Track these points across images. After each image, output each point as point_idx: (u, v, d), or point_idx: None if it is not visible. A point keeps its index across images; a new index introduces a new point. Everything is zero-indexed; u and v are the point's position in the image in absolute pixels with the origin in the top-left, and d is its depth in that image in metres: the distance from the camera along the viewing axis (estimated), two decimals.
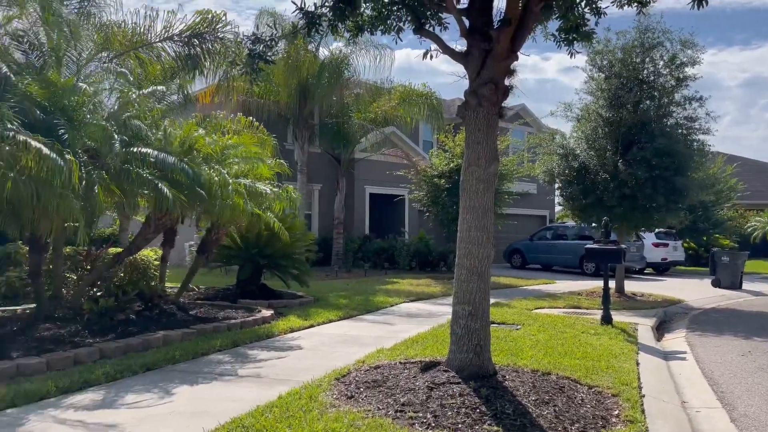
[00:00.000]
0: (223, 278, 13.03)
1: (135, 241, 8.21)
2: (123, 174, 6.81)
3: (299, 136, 17.45)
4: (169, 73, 9.49)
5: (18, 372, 5.18)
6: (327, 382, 5.15)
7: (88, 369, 5.40)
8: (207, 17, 8.79)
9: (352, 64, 16.94)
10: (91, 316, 6.88)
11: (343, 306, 10.00)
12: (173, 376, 5.54)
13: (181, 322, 7.65)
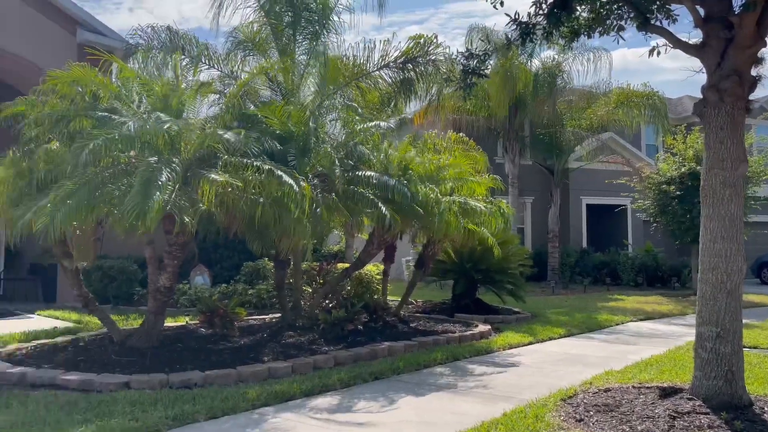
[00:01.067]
0: (438, 292, 13.35)
1: (360, 257, 8.81)
2: (348, 195, 7.41)
3: (509, 148, 17.29)
4: (386, 98, 10.09)
5: (269, 374, 5.85)
6: (552, 402, 4.95)
7: (325, 374, 5.89)
8: (419, 42, 9.20)
9: (565, 71, 16.38)
10: (325, 325, 7.52)
11: (563, 323, 9.58)
12: (398, 386, 5.78)
13: (402, 334, 8.00)
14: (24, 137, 6.45)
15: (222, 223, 6.68)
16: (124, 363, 6.03)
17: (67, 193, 5.49)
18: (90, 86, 6.40)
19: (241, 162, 6.11)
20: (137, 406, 4.73)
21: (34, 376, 5.54)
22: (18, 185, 6.20)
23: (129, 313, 9.89)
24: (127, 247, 10.97)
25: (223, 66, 10.63)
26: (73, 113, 6.03)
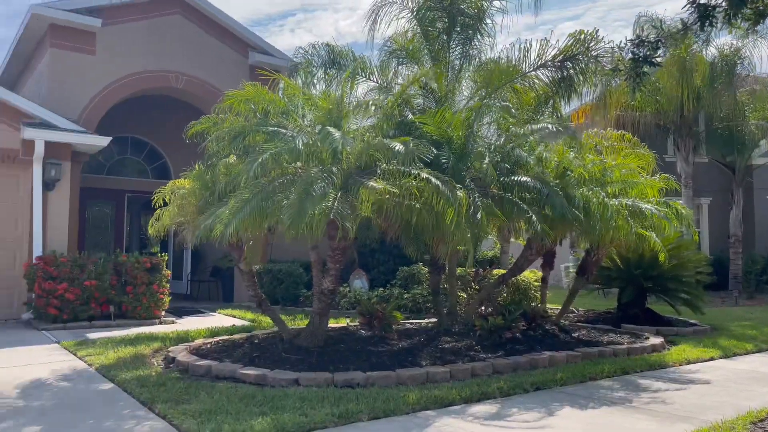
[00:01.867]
0: (601, 301, 12.60)
1: (518, 263, 8.58)
2: (504, 200, 7.27)
3: (682, 146, 15.87)
4: (543, 98, 9.75)
5: (427, 379, 5.89)
6: (741, 426, 4.43)
7: (484, 382, 5.80)
8: (579, 38, 8.77)
9: (745, 57, 14.71)
10: (481, 332, 7.42)
11: (750, 337, 8.56)
12: (561, 397, 5.52)
13: (563, 343, 7.64)
14: (207, 152, 7.17)
15: (380, 228, 6.88)
16: (293, 360, 6.42)
17: (241, 202, 6.00)
18: (261, 103, 6.94)
19: (399, 170, 6.24)
20: (306, 402, 5.00)
21: (217, 369, 6.09)
22: (203, 195, 6.90)
23: (295, 313, 10.57)
24: (292, 252, 11.77)
25: (378, 77, 10.99)
26: (248, 129, 6.57)
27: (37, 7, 10.61)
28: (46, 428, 4.50)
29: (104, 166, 14.20)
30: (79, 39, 11.11)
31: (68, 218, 10.43)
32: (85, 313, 9.35)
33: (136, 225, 17.70)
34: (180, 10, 12.38)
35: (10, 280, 10.12)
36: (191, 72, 12.41)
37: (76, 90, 11.05)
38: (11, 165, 10.06)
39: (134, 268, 9.81)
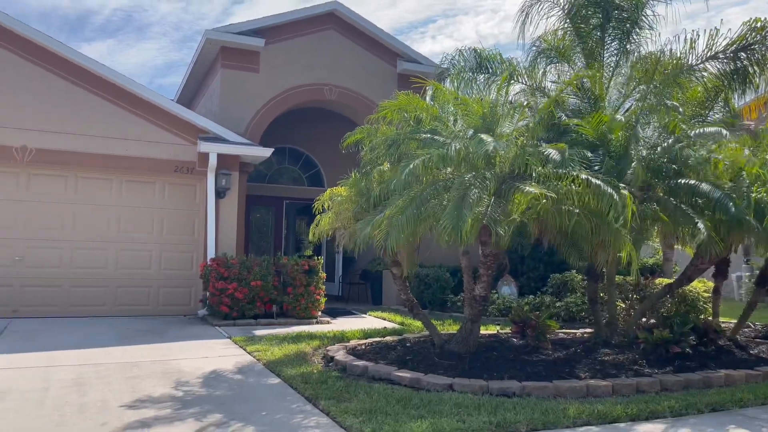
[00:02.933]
0: None
1: (686, 272, 7.93)
2: (670, 205, 6.75)
3: None
4: (712, 93, 8.95)
5: (588, 392, 5.64)
6: None
7: (652, 400, 5.42)
8: (755, 26, 7.92)
9: None
10: (645, 345, 6.95)
11: None
12: (741, 420, 5.01)
13: (741, 361, 6.93)
14: (362, 160, 7.47)
15: (533, 234, 6.71)
16: (445, 365, 6.46)
17: (397, 210, 6.16)
18: (414, 111, 7.09)
19: (555, 173, 6.05)
20: (462, 409, 5.01)
21: (373, 370, 6.30)
22: (358, 202, 7.19)
23: (443, 318, 10.63)
24: (438, 256, 11.84)
25: (526, 78, 10.75)
26: (402, 137, 6.74)
27: (211, 32, 11.74)
28: (226, 416, 4.93)
29: (265, 175, 15.31)
30: (246, 59, 12.12)
31: (236, 223, 11.39)
32: (251, 311, 10.14)
33: (292, 229, 18.86)
34: (333, 26, 13.04)
35: (188, 279, 11.27)
36: (343, 83, 13.01)
37: (243, 106, 12.07)
38: (189, 176, 11.20)
39: (294, 270, 10.46)
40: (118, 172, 10.85)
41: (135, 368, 6.59)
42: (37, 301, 10.24)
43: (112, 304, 10.74)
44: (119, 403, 5.22)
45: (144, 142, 10.81)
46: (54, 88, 10.32)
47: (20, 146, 10.03)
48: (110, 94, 10.65)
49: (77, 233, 10.59)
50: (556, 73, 10.48)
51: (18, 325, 9.30)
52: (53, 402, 5.19)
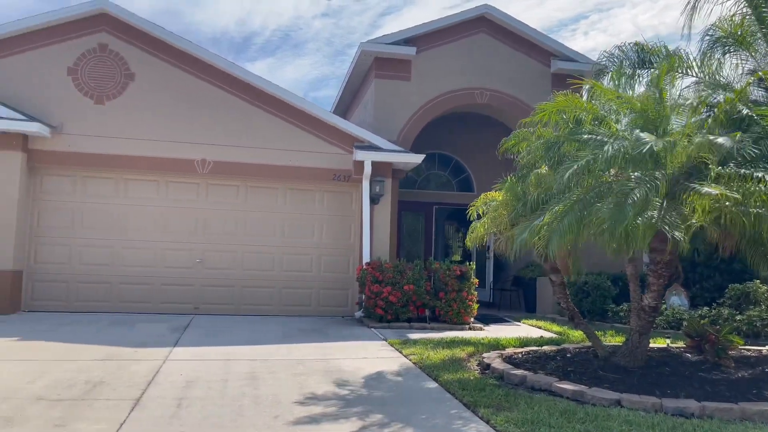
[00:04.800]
0: None
1: None
2: None
3: None
4: None
5: None
6: None
7: None
8: None
9: None
10: None
11: None
12: None
13: None
14: (519, 164, 7.30)
15: (713, 239, 6.11)
16: (610, 379, 6.09)
17: (558, 214, 5.92)
18: (573, 112, 6.78)
19: (738, 172, 5.46)
20: (633, 427, 4.68)
21: (532, 380, 6.11)
22: (514, 207, 7.03)
23: (604, 328, 10.04)
24: (598, 263, 11.21)
25: (696, 71, 9.85)
26: (562, 139, 6.48)
27: (365, 44, 12.20)
28: (387, 417, 5.05)
29: (415, 181, 15.55)
30: (398, 68, 12.43)
31: (389, 229, 11.69)
32: (404, 315, 10.32)
33: (441, 234, 18.95)
34: (484, 29, 12.94)
35: (345, 282, 11.77)
36: (494, 86, 12.85)
37: (395, 114, 12.38)
38: (345, 183, 11.70)
39: (446, 275, 10.49)
40: (282, 181, 11.63)
41: (300, 365, 6.98)
42: (214, 299, 11.28)
43: (277, 304, 11.52)
44: (289, 398, 5.56)
45: (305, 153, 11.48)
46: (228, 106, 11.32)
47: (200, 159, 11.13)
48: (275, 109, 11.46)
49: (248, 238, 11.51)
50: (733, 63, 9.51)
51: (199, 321, 10.30)
52: (232, 393, 5.66)
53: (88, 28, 10.95)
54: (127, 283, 11.00)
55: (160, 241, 11.18)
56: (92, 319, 9.94)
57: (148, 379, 6.02)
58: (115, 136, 10.84)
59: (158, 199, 11.25)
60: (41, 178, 10.87)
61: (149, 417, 4.84)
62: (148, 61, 11.12)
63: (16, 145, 10.26)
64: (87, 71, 10.89)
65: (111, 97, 10.94)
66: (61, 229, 10.88)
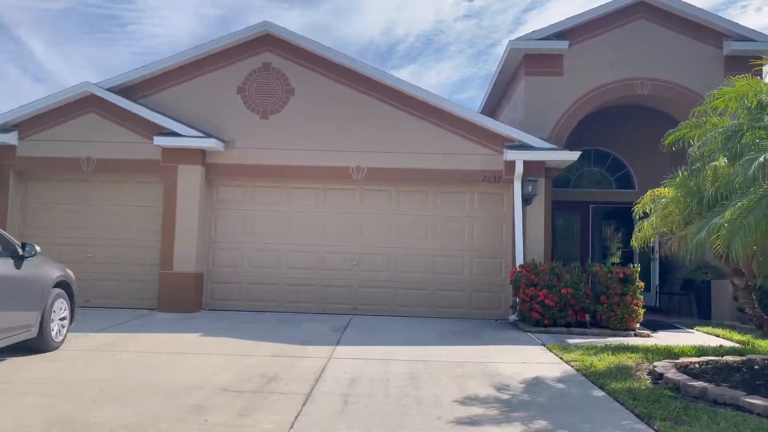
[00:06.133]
0: None
1: None
2: None
3: None
4: None
5: None
6: None
7: None
8: None
9: None
10: None
11: None
12: None
13: None
14: (690, 158, 6.70)
15: None
16: None
17: (741, 211, 5.35)
18: (757, 96, 6.09)
19: None
20: None
21: (714, 393, 5.56)
22: (687, 204, 6.46)
23: None
24: None
25: None
26: (746, 126, 5.85)
27: (514, 41, 11.95)
28: (552, 424, 4.88)
29: (569, 180, 14.92)
30: (549, 63, 12.02)
31: (543, 230, 11.32)
32: (562, 320, 9.93)
33: (598, 235, 17.98)
34: (642, 14, 12.09)
35: (497, 284, 11.60)
36: (656, 75, 11.95)
37: (546, 111, 11.97)
38: (496, 184, 11.53)
39: (607, 278, 9.92)
40: (432, 185, 11.75)
41: (458, 368, 6.98)
42: (371, 300, 11.68)
43: (430, 306, 11.65)
44: (449, 399, 5.58)
45: (454, 155, 11.50)
46: (380, 113, 11.68)
47: (355, 166, 11.59)
48: (424, 113, 11.61)
49: (400, 241, 11.78)
50: None
51: (357, 320, 10.73)
52: (394, 392, 5.81)
53: (253, 50, 11.89)
54: (291, 285, 11.76)
55: (320, 244, 11.82)
56: (262, 318, 10.76)
57: (316, 376, 6.37)
58: (279, 147, 11.65)
59: (318, 205, 11.90)
60: (217, 189, 11.98)
61: (320, 411, 5.11)
62: (306, 75, 11.82)
63: (196, 160, 11.42)
64: (253, 89, 11.83)
65: (274, 112, 11.78)
66: (234, 235, 11.91)
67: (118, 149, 11.54)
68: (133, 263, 11.70)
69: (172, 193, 11.40)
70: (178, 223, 11.33)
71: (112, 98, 11.47)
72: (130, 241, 11.76)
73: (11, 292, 6.46)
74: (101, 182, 11.90)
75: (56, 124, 11.70)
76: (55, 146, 11.61)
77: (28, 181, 12.01)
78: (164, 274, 11.27)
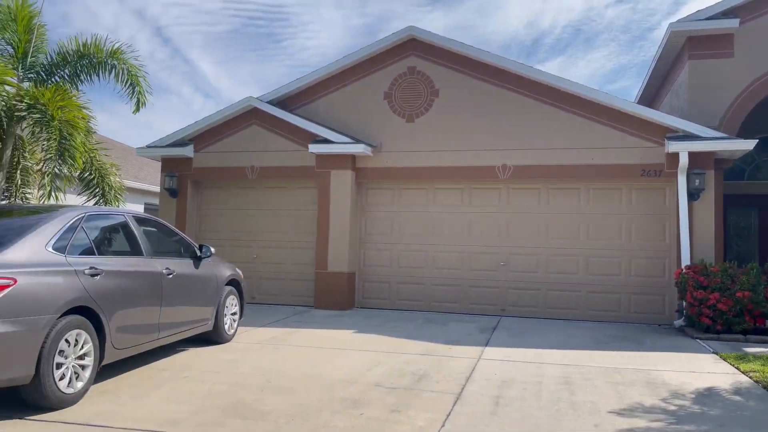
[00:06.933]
0: None
1: None
2: None
3: None
4: None
5: None
6: None
7: None
8: None
9: None
10: None
11: None
12: None
13: None
14: None
15: None
16: None
17: None
18: None
19: None
20: None
21: None
22: None
23: None
24: None
25: None
26: None
27: (675, 24, 11.01)
28: None
29: (743, 171, 13.47)
30: (716, 44, 10.94)
31: (713, 227, 10.32)
32: (738, 326, 8.97)
33: None
34: None
35: (659, 286, 10.77)
36: None
37: (714, 97, 10.90)
38: (656, 179, 10.72)
39: None
40: (584, 181, 11.21)
41: (617, 374, 6.60)
42: (519, 301, 11.42)
43: (583, 308, 11.12)
44: (607, 407, 5.29)
45: (608, 149, 10.88)
46: (525, 109, 11.39)
47: (501, 165, 11.41)
48: (572, 106, 11.12)
49: (550, 240, 11.38)
50: None
51: (505, 322, 10.54)
52: (547, 396, 5.63)
53: (398, 55, 12.18)
54: (438, 285, 11.86)
55: (466, 245, 11.79)
56: (410, 317, 10.97)
57: (466, 376, 6.37)
58: (424, 150, 11.80)
59: (463, 205, 11.88)
60: (366, 192, 12.43)
61: (470, 412, 5.10)
62: (450, 76, 11.86)
63: (346, 165, 11.94)
64: (399, 93, 12.11)
65: (419, 115, 11.96)
66: (382, 236, 12.28)
67: (278, 157, 12.41)
68: (293, 263, 12.52)
69: (326, 197, 12.02)
70: (332, 225, 11.92)
71: (272, 110, 12.37)
72: (289, 243, 12.60)
73: (192, 290, 7.21)
74: (264, 188, 12.88)
75: (225, 136, 12.86)
76: (224, 157, 12.78)
77: (202, 189, 13.33)
78: (319, 273, 11.91)
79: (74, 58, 10.74)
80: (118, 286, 5.70)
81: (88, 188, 11.30)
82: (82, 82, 10.91)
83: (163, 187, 13.08)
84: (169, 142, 12.99)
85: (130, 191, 15.64)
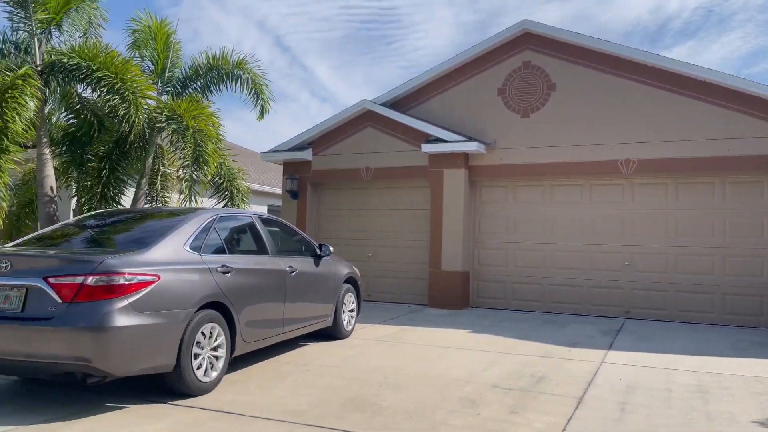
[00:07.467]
0: None
1: None
2: None
3: None
4: None
5: None
6: None
7: None
8: None
9: None
10: None
11: None
12: None
13: None
14: None
15: None
16: None
17: None
18: None
19: None
20: None
21: None
22: None
23: None
24: None
25: None
26: None
27: None
28: None
29: None
30: None
31: None
32: None
33: None
34: None
35: (758, 286, 9.77)
36: None
37: None
38: (754, 172, 9.74)
39: None
40: (718, 174, 10.38)
41: (759, 384, 6.06)
42: (646, 303, 10.78)
43: (718, 312, 10.29)
44: (747, 418, 4.89)
45: (745, 139, 9.99)
46: (650, 100, 10.73)
47: (624, 160, 10.83)
48: (703, 94, 10.31)
49: (680, 239, 10.64)
50: None
51: (630, 325, 10.00)
52: (678, 404, 5.29)
53: (512, 50, 11.94)
54: (556, 285, 11.49)
55: (586, 243, 11.32)
56: (526, 317, 10.72)
57: (587, 379, 6.13)
58: (540, 145, 11.48)
59: (582, 202, 11.42)
60: (479, 190, 12.31)
61: (594, 417, 4.91)
62: (567, 68, 11.44)
63: (460, 164, 11.90)
64: (513, 89, 11.88)
65: (535, 110, 11.65)
66: (497, 234, 12.09)
67: (391, 158, 12.62)
68: (406, 262, 12.68)
69: (439, 196, 12.04)
70: (445, 224, 11.93)
71: (385, 112, 12.60)
72: (403, 242, 12.77)
73: (313, 287, 7.54)
74: (378, 188, 13.15)
75: (340, 139, 13.28)
76: (340, 159, 13.19)
77: (320, 190, 13.85)
78: (433, 272, 11.97)
79: (205, 71, 11.61)
80: (247, 283, 6.08)
81: (218, 191, 12.16)
82: (212, 92, 11.77)
83: (285, 189, 13.75)
84: (289, 146, 13.62)
85: (254, 193, 16.59)
